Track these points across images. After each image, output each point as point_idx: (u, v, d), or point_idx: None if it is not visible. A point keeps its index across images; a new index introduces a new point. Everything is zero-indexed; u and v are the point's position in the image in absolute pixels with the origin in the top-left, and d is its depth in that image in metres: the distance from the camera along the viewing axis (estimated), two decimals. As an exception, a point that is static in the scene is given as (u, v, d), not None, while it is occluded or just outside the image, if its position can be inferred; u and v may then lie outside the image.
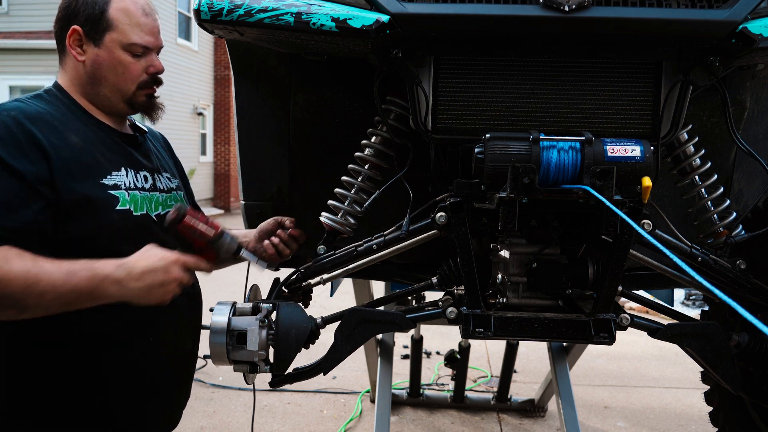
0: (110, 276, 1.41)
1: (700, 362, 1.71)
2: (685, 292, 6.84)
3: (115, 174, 1.59)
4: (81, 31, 1.60)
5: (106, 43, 1.61)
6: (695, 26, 1.46)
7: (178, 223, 1.54)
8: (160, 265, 1.44)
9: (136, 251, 1.49)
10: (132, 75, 1.64)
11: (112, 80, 1.63)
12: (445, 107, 1.64)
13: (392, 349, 3.48)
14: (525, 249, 1.65)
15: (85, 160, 1.54)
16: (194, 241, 1.57)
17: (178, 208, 1.56)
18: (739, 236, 1.74)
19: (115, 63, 1.62)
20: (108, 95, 1.64)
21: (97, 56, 1.61)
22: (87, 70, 1.62)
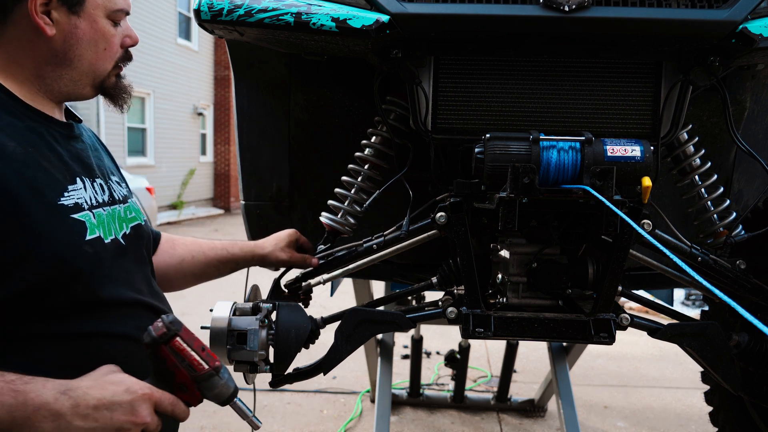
0: (46, 406, 0.97)
1: (700, 362, 1.71)
2: (685, 292, 6.84)
3: (72, 189, 1.17)
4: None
5: (87, 10, 1.20)
6: (695, 26, 1.46)
7: (164, 344, 1.09)
8: (124, 399, 1.02)
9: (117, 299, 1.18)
10: (112, 51, 1.26)
11: (88, 59, 1.23)
12: (445, 107, 1.64)
13: (392, 349, 3.48)
14: (525, 249, 1.65)
15: (31, 174, 1.09)
16: (177, 372, 1.11)
17: (169, 322, 1.09)
18: (739, 236, 1.74)
19: (98, 36, 1.23)
20: (75, 78, 1.24)
21: (76, 28, 1.19)
22: (54, 47, 1.19)
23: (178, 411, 1.11)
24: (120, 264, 1.24)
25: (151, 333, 1.09)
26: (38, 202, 1.08)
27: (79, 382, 1.03)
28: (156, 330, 1.09)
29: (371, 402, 4.17)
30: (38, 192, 1.09)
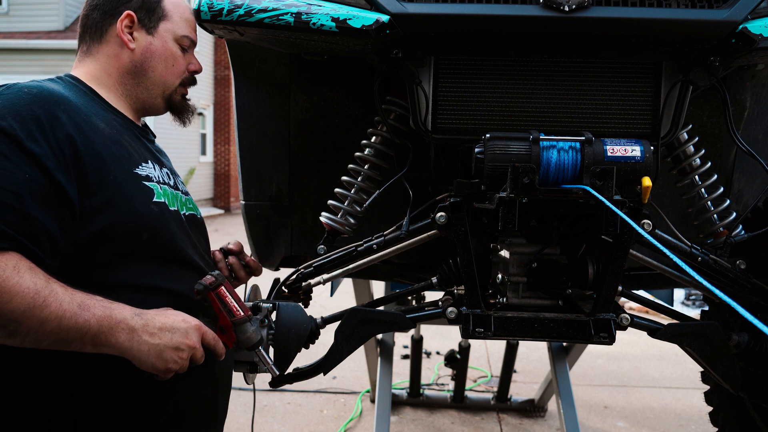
0: (125, 321, 1.24)
1: (700, 362, 1.71)
2: (685, 292, 6.84)
3: (145, 166, 1.44)
4: (135, 17, 1.50)
5: (160, 32, 1.53)
6: (695, 26, 1.46)
7: (212, 291, 1.38)
8: (181, 326, 1.29)
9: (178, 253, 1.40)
10: (179, 69, 1.56)
11: (159, 71, 1.53)
12: (445, 107, 1.64)
13: (392, 349, 3.48)
14: (525, 249, 1.65)
15: (114, 147, 1.37)
16: (220, 316, 1.40)
17: (216, 274, 1.39)
18: (739, 236, 1.74)
19: (167, 54, 1.54)
20: (150, 88, 1.54)
21: (151, 44, 1.51)
22: (135, 59, 1.51)
23: (218, 348, 1.37)
24: (182, 231, 1.47)
25: (202, 282, 1.38)
26: (118, 168, 1.35)
27: (148, 311, 1.29)
28: (206, 280, 1.38)
29: (371, 402, 4.17)
30: (119, 160, 1.36)
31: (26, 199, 1.19)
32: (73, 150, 1.27)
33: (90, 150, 1.29)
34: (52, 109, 1.28)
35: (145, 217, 1.36)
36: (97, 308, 1.22)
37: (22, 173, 1.19)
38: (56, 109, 1.28)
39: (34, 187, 1.20)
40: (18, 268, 1.16)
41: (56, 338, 1.19)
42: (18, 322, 1.15)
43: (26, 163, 1.20)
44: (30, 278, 1.16)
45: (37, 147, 1.22)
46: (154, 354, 1.26)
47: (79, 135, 1.29)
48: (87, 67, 1.51)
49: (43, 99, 1.28)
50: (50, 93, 1.31)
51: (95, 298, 1.23)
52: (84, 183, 1.27)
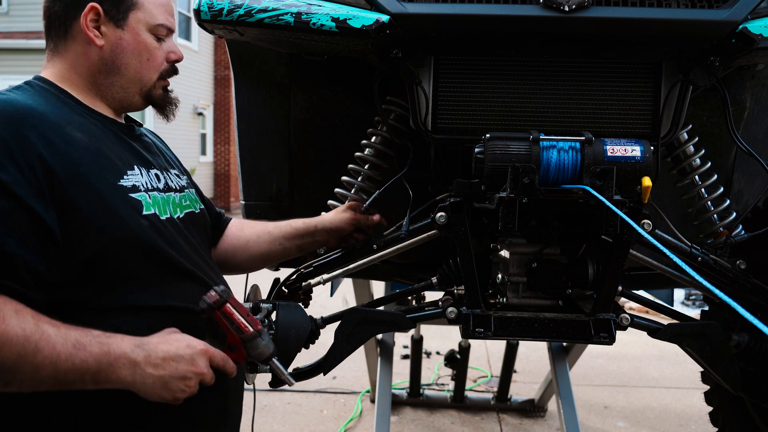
0: (125, 356, 1.16)
1: (700, 362, 1.71)
2: (685, 292, 6.84)
3: (130, 174, 1.33)
4: (101, 10, 1.34)
5: (130, 24, 1.37)
6: (695, 26, 1.46)
7: (217, 309, 1.29)
8: (186, 354, 1.21)
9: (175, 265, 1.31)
10: (156, 62, 1.42)
11: (134, 68, 1.39)
12: (445, 107, 1.64)
13: (392, 349, 3.48)
14: (525, 249, 1.65)
15: (94, 159, 1.26)
16: (228, 334, 1.32)
17: (221, 291, 1.29)
18: (739, 236, 1.74)
19: (141, 47, 1.38)
20: (125, 86, 1.40)
21: (120, 39, 1.36)
22: (104, 56, 1.36)
23: (228, 367, 1.30)
24: (179, 237, 1.38)
25: (205, 300, 1.28)
26: (101, 182, 1.24)
27: (149, 339, 1.21)
28: (210, 298, 1.28)
29: (371, 402, 4.17)
30: (101, 174, 1.25)
31: (3, 237, 1.10)
32: (47, 171, 1.16)
33: (66, 167, 1.19)
34: (18, 129, 1.17)
35: (136, 235, 1.27)
36: (94, 345, 1.14)
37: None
38: (23, 127, 1.17)
39: (7, 220, 1.11)
40: (2, 313, 1.07)
41: (54, 381, 1.12)
42: (11, 372, 1.08)
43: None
44: (17, 323, 1.08)
45: (4, 174, 1.12)
46: (159, 386, 1.19)
47: (51, 153, 1.18)
48: (56, 67, 1.38)
49: (8, 117, 1.18)
50: (15, 108, 1.20)
51: (91, 334, 1.15)
52: (63, 205, 1.17)
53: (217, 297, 1.29)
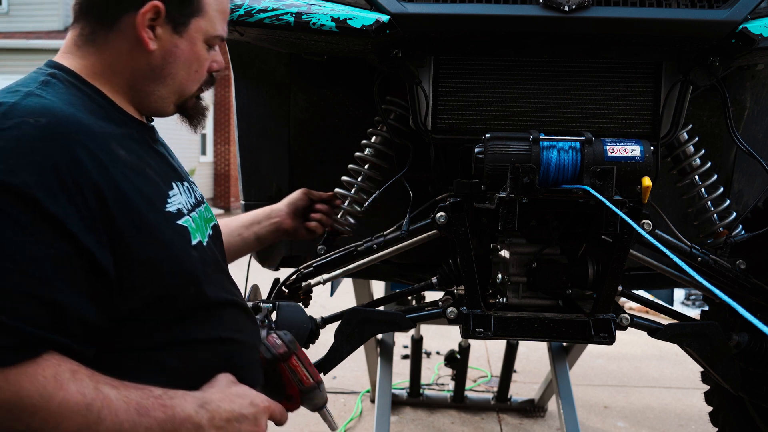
0: (190, 419, 1.04)
1: (700, 362, 1.71)
2: (685, 292, 6.84)
3: (172, 195, 1.16)
4: (162, 10, 1.13)
5: (190, 32, 1.18)
6: (695, 26, 1.46)
7: (284, 361, 1.22)
8: (250, 413, 1.12)
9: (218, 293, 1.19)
10: (202, 74, 1.25)
11: (180, 78, 1.21)
12: (445, 107, 1.64)
13: (392, 349, 3.48)
14: (525, 249, 1.65)
15: (141, 182, 1.08)
16: (288, 386, 1.25)
17: (288, 342, 1.22)
18: (739, 236, 1.74)
19: (194, 58, 1.20)
20: (164, 96, 1.22)
21: (176, 47, 1.17)
22: (152, 62, 1.16)
23: (284, 419, 1.23)
24: (213, 265, 1.24)
25: (271, 350, 1.21)
26: (151, 211, 1.08)
27: (211, 395, 1.10)
28: (276, 348, 1.22)
29: (371, 402, 4.16)
30: (150, 200, 1.08)
31: (53, 283, 0.93)
32: (99, 201, 0.99)
33: (116, 195, 1.01)
34: (70, 148, 0.98)
35: (188, 271, 1.13)
36: (157, 410, 1.01)
37: (44, 247, 0.92)
38: (75, 145, 0.98)
39: (59, 263, 0.94)
40: (59, 378, 0.92)
41: None
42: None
43: (47, 231, 0.93)
44: (76, 388, 0.93)
45: (58, 207, 0.94)
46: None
47: (104, 179, 1.00)
48: (87, 59, 1.16)
49: (57, 133, 0.98)
50: (60, 120, 1.00)
51: (151, 394, 1.03)
52: (116, 242, 1.01)
53: (284, 349, 1.22)
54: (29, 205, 0.92)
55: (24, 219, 0.92)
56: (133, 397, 1.00)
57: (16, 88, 1.06)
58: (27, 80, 1.09)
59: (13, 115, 0.97)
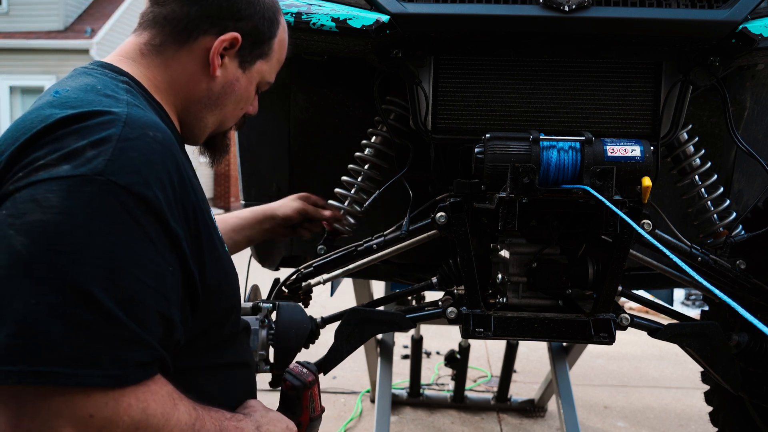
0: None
1: (700, 362, 1.71)
2: (685, 292, 6.84)
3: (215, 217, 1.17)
4: (239, 44, 1.13)
5: (253, 72, 1.20)
6: (695, 26, 1.46)
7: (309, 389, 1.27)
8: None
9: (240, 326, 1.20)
10: (242, 112, 1.26)
11: (227, 111, 1.21)
12: (445, 107, 1.64)
13: (392, 349, 3.48)
14: (525, 249, 1.65)
15: (205, 206, 1.06)
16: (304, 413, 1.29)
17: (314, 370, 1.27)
18: (739, 236, 1.74)
19: (245, 96, 1.22)
20: (207, 124, 1.20)
21: (237, 81, 1.17)
22: (212, 89, 1.15)
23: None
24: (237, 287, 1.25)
25: (299, 378, 1.26)
26: (213, 237, 1.07)
27: (260, 419, 1.13)
28: (305, 376, 1.27)
29: (371, 402, 4.17)
30: (210, 227, 1.07)
31: (170, 301, 0.93)
32: (195, 224, 0.99)
33: (202, 218, 1.02)
34: (178, 167, 0.98)
35: (236, 295, 1.15)
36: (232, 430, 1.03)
37: (165, 265, 0.92)
38: (179, 163, 0.98)
39: (174, 283, 0.94)
40: (173, 396, 0.92)
41: None
42: None
43: (170, 249, 0.93)
44: (184, 408, 0.94)
45: (178, 226, 0.94)
46: None
47: (195, 200, 1.01)
48: (151, 70, 1.12)
49: (169, 151, 0.97)
50: (169, 138, 0.98)
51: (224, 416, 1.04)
52: (202, 266, 1.01)
53: (312, 377, 1.27)
54: (159, 220, 0.91)
55: (153, 233, 0.91)
56: (216, 418, 1.00)
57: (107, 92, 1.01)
58: (108, 84, 1.04)
59: (134, 126, 0.94)
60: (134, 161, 0.90)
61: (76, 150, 0.88)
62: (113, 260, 0.85)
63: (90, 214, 0.85)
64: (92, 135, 0.90)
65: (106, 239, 0.86)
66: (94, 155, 0.88)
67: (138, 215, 0.89)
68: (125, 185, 0.88)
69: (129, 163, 0.90)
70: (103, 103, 0.96)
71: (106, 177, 0.87)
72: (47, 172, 0.86)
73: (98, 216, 0.86)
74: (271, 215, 1.76)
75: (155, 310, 0.90)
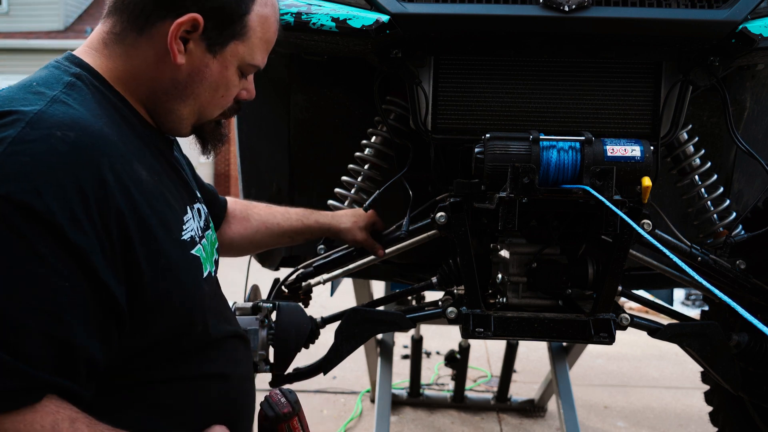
0: None
1: (700, 362, 1.71)
2: (685, 292, 6.84)
3: (186, 221, 1.08)
4: (201, 25, 1.03)
5: (225, 55, 1.08)
6: (695, 26, 1.46)
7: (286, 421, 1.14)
8: None
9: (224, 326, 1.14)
10: (227, 100, 1.16)
11: (203, 100, 1.11)
12: (445, 107, 1.64)
13: (392, 349, 3.48)
14: (525, 249, 1.65)
15: (159, 207, 0.99)
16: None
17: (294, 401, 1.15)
18: (739, 236, 1.74)
19: (222, 82, 1.11)
20: (182, 116, 1.12)
21: (206, 67, 1.07)
22: (177, 78, 1.07)
23: None
24: (217, 296, 1.18)
25: (274, 408, 1.13)
26: (167, 239, 0.99)
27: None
28: (280, 407, 1.13)
29: (371, 402, 4.17)
30: (167, 227, 1.00)
31: (67, 321, 0.85)
32: (123, 231, 0.91)
33: (140, 223, 0.93)
34: (98, 169, 0.89)
35: (198, 306, 1.07)
36: None
37: (61, 281, 0.84)
38: (102, 165, 0.90)
39: (76, 300, 0.86)
40: (57, 427, 0.84)
41: None
42: None
43: (67, 263, 0.85)
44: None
45: (82, 237, 0.85)
46: None
47: (127, 204, 0.92)
48: (113, 61, 1.06)
49: (85, 151, 0.89)
50: (91, 137, 0.91)
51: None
52: (133, 276, 0.93)
53: (289, 408, 1.15)
54: (51, 233, 0.83)
55: (43, 248, 0.83)
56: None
57: (39, 88, 0.95)
58: (49, 78, 0.99)
59: (40, 126, 0.87)
60: (23, 166, 0.83)
61: None
62: None
63: None
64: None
65: None
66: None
67: (20, 227, 0.81)
68: (5, 194, 0.81)
69: (15, 168, 0.82)
70: (21, 102, 0.90)
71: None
72: None
73: None
74: (336, 232, 1.68)
75: (38, 332, 0.82)
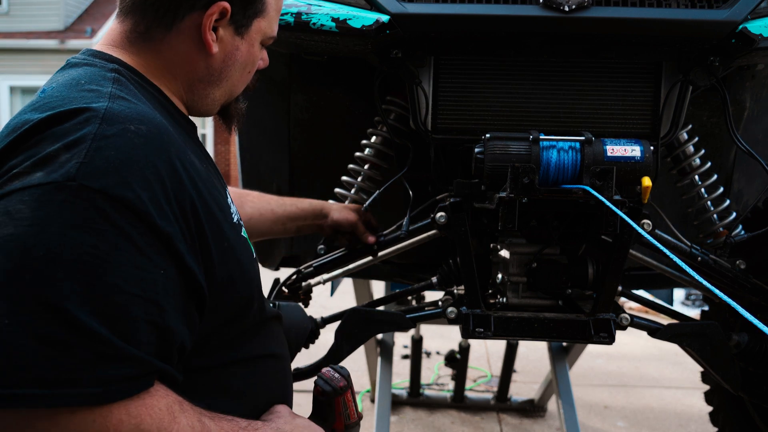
0: None
1: (700, 362, 1.71)
2: (685, 292, 6.84)
3: (231, 204, 1.09)
4: (229, 11, 1.04)
5: (251, 33, 1.10)
6: (695, 26, 1.46)
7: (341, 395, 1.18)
8: None
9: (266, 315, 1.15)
10: (251, 74, 1.18)
11: (234, 81, 1.14)
12: (445, 107, 1.64)
13: (392, 349, 3.48)
14: (525, 249, 1.65)
15: (215, 193, 1.01)
16: (338, 420, 1.21)
17: (347, 375, 1.18)
18: (739, 236, 1.74)
19: (249, 59, 1.13)
20: (216, 98, 1.14)
21: (237, 50, 1.09)
22: (212, 65, 1.08)
23: None
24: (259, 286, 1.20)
25: (330, 383, 1.17)
26: (226, 224, 1.01)
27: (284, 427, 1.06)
28: (334, 381, 1.17)
29: (371, 402, 4.16)
30: (223, 212, 1.02)
31: (165, 308, 0.87)
32: (196, 218, 0.92)
33: (206, 210, 0.95)
34: (170, 159, 0.91)
35: (255, 286, 1.10)
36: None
37: (157, 269, 0.86)
38: (172, 156, 0.91)
39: (169, 287, 0.87)
40: (171, 409, 0.87)
41: None
42: None
43: (159, 251, 0.86)
44: (186, 421, 0.88)
45: (168, 224, 0.87)
46: None
47: (195, 191, 0.93)
48: (143, 57, 1.05)
49: (158, 143, 0.90)
50: (159, 128, 0.92)
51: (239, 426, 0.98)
52: (207, 259, 0.94)
53: (344, 382, 1.18)
54: (144, 222, 0.85)
55: (139, 237, 0.84)
56: (227, 428, 0.95)
57: (90, 86, 0.94)
58: (94, 76, 0.97)
59: (114, 121, 0.88)
60: (111, 161, 0.84)
61: (50, 155, 0.83)
62: (90, 272, 0.80)
63: (63, 224, 0.79)
64: (67, 137, 0.84)
65: (82, 250, 0.80)
66: (67, 159, 0.82)
67: (117, 219, 0.83)
68: (100, 188, 0.82)
69: (105, 163, 0.83)
70: (83, 99, 0.90)
71: (79, 182, 0.81)
72: (20, 181, 0.81)
73: (72, 225, 0.80)
74: (327, 212, 1.71)
75: (144, 320, 0.84)
